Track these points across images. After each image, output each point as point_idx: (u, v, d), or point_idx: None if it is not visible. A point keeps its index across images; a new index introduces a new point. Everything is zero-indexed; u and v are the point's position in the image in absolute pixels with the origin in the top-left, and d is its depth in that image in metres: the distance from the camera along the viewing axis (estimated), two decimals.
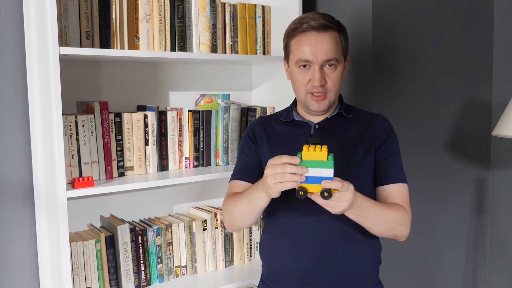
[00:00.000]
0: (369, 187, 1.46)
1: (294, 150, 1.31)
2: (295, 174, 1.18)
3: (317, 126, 1.49)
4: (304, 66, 1.41)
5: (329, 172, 1.18)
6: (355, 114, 1.53)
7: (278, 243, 1.47)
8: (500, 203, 2.57)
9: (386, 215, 1.36)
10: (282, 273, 1.47)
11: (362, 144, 1.46)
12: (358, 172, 1.43)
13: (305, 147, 1.20)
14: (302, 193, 1.20)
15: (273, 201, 1.47)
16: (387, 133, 1.48)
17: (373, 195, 1.47)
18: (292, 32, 1.44)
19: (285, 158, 1.20)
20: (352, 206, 1.25)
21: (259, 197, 1.32)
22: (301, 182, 1.20)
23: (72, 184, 1.57)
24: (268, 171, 1.22)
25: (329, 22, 1.41)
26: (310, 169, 1.19)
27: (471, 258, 2.59)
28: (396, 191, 1.45)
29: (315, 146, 1.19)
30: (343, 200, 1.20)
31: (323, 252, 1.41)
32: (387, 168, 1.46)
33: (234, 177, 1.54)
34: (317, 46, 1.39)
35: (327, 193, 1.19)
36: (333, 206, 1.21)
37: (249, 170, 1.52)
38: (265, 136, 1.53)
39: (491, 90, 2.58)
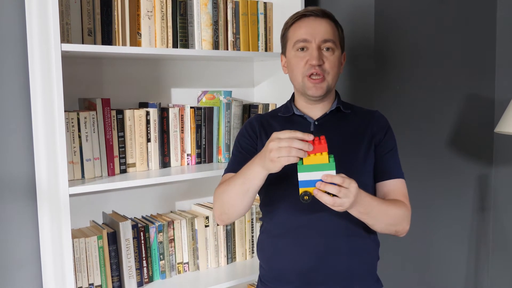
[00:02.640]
0: (371, 184, 1.46)
1: None
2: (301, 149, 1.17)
3: (316, 123, 1.48)
4: (302, 49, 1.43)
5: (332, 173, 1.18)
6: (353, 110, 1.53)
7: (279, 242, 1.45)
8: (503, 200, 2.57)
9: (389, 212, 1.36)
10: (283, 272, 1.45)
11: (363, 140, 1.46)
12: (361, 169, 1.43)
13: None
14: (307, 197, 1.20)
15: (273, 200, 1.47)
16: (385, 129, 1.49)
17: (374, 192, 1.47)
18: (290, 21, 1.47)
19: (299, 134, 1.18)
20: (355, 204, 1.24)
21: (256, 172, 1.27)
22: (304, 187, 1.20)
23: None
24: (272, 144, 1.19)
25: (327, 12, 1.46)
26: (312, 173, 1.18)
27: (473, 255, 2.59)
28: (396, 186, 1.45)
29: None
30: (347, 196, 1.19)
31: (326, 249, 1.40)
32: (387, 164, 1.46)
33: (229, 169, 1.49)
34: (314, 28, 1.42)
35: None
36: (340, 204, 1.20)
37: (245, 163, 1.40)
38: (263, 132, 1.52)
39: (493, 87, 2.57)
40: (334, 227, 1.40)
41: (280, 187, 1.42)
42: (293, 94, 1.56)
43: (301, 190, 1.21)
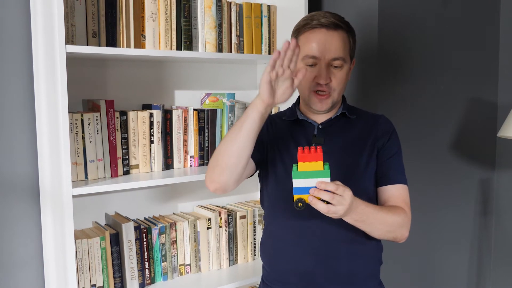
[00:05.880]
0: (372, 190, 1.45)
1: (295, 150, 1.29)
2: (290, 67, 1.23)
3: (320, 127, 1.48)
4: (311, 63, 1.41)
5: (326, 180, 1.18)
6: (358, 115, 1.52)
7: (280, 243, 1.46)
8: (505, 204, 2.57)
9: (385, 219, 1.35)
10: (284, 273, 1.46)
11: (366, 145, 1.45)
12: (363, 175, 1.43)
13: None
14: (301, 204, 1.20)
15: (274, 201, 1.48)
16: (389, 134, 1.48)
17: (375, 197, 1.46)
18: (302, 28, 1.44)
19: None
20: (350, 212, 1.24)
21: (249, 110, 1.29)
22: (299, 193, 1.20)
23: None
24: (267, 67, 1.27)
25: (339, 22, 1.42)
26: (307, 180, 1.18)
27: (475, 260, 2.59)
28: (397, 192, 1.43)
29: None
30: (341, 204, 1.19)
31: (326, 252, 1.40)
32: (389, 168, 1.45)
33: None
34: (325, 44, 1.39)
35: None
36: (334, 211, 1.20)
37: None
38: (271, 128, 1.52)
39: (496, 91, 2.57)
40: (335, 231, 1.40)
41: (281, 189, 1.42)
42: (298, 97, 1.56)
43: (295, 197, 1.21)
